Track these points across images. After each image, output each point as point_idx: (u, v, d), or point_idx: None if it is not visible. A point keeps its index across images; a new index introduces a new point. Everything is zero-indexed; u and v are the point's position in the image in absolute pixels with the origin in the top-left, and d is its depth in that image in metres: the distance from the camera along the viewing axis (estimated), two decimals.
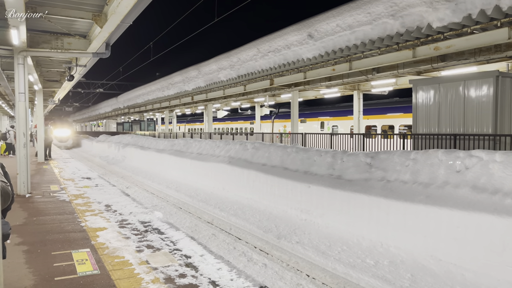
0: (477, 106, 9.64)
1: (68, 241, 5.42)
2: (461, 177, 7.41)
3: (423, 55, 11.14)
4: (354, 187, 9.08)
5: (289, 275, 7.28)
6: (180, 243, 5.30)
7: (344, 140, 13.62)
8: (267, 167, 12.63)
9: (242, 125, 34.92)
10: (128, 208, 7.58)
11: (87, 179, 12.00)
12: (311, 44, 13.26)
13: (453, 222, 6.79)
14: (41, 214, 7.08)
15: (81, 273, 4.22)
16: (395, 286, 6.35)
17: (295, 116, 19.13)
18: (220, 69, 19.71)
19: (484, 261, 6.25)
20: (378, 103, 22.75)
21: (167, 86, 27.71)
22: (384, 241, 7.94)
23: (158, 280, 3.99)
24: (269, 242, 9.17)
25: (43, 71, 16.45)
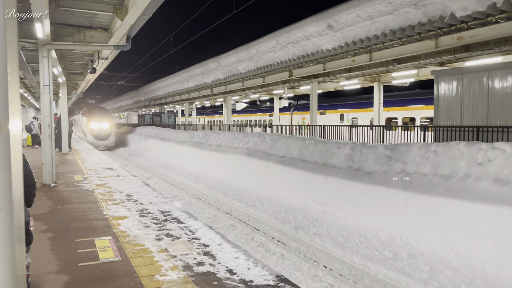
0: (501, 97, 9.39)
1: (91, 229, 5.58)
2: (483, 169, 7.27)
3: (445, 45, 10.87)
4: (373, 180, 9.01)
5: (307, 266, 7.32)
6: (198, 232, 5.39)
7: (364, 132, 13.48)
8: (285, 159, 12.65)
9: (261, 117, 34.91)
10: (149, 198, 7.73)
11: (109, 169, 12.27)
12: (330, 35, 13.12)
13: (474, 216, 6.68)
14: (65, 203, 7.30)
15: (103, 259, 4.35)
16: (414, 278, 6.32)
17: (314, 108, 19.00)
18: (239, 61, 19.72)
19: (506, 255, 6.14)
20: (399, 95, 22.36)
21: (187, 78, 27.90)
22: (403, 233, 7.88)
23: (176, 268, 4.09)
24: (287, 233, 9.22)
25: (67, 64, 16.81)
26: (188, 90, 29.54)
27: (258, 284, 3.67)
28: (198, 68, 25.49)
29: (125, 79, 43.54)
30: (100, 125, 31.00)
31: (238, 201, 12.38)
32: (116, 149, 32.18)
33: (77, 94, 27.22)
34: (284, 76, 18.65)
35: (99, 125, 30.96)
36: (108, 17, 10.06)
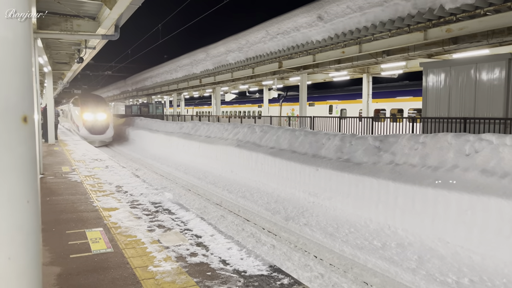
0: (488, 89, 9.53)
1: (81, 220, 5.54)
2: (470, 160, 7.40)
3: (434, 37, 10.97)
4: (362, 170, 9.10)
5: (297, 256, 7.39)
6: (190, 223, 5.39)
7: (353, 123, 13.58)
8: (275, 150, 12.68)
9: (250, 108, 34.86)
10: (139, 190, 7.69)
11: (98, 160, 12.15)
12: (320, 26, 13.11)
13: (461, 206, 6.82)
14: (54, 195, 7.22)
15: (95, 251, 4.33)
16: (402, 267, 6.43)
17: (303, 99, 19.04)
18: (229, 51, 19.60)
19: (492, 244, 6.29)
20: (387, 87, 22.53)
21: (175, 68, 27.66)
22: (392, 223, 8.00)
23: (170, 259, 4.09)
24: (277, 224, 9.28)
25: (53, 54, 16.49)
26: (176, 80, 29.31)
27: (252, 274, 3.70)
28: (186, 58, 25.28)
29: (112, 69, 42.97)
30: (95, 116, 26.44)
31: (228, 192, 12.40)
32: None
33: (63, 84, 26.76)
34: (274, 67, 18.62)
35: (94, 116, 26.42)
36: (96, 6, 9.87)
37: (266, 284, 3.49)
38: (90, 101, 27.47)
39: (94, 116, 26.48)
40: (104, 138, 26.73)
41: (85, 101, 27.39)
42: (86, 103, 27.15)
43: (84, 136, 25.27)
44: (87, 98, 28.30)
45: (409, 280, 6.09)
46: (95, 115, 26.53)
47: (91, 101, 27.56)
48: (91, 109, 26.73)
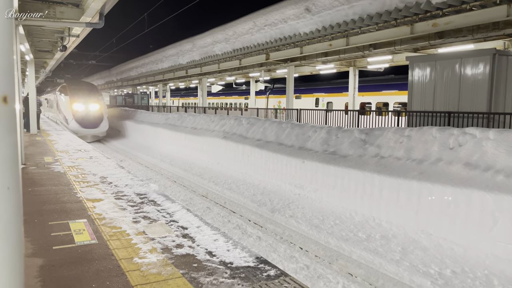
0: (472, 84, 9.66)
1: (64, 211, 5.44)
2: (454, 154, 7.50)
3: (421, 31, 11.05)
4: (348, 163, 9.16)
5: (283, 248, 7.43)
6: (176, 215, 5.35)
7: (339, 116, 13.64)
8: (262, 142, 12.67)
9: (237, 100, 34.74)
10: (124, 181, 7.59)
11: (81, 151, 11.95)
12: (308, 18, 13.06)
13: (445, 198, 6.92)
14: (37, 185, 7.07)
15: (79, 242, 4.26)
16: (386, 259, 6.52)
17: (290, 91, 19.03)
18: (215, 42, 19.41)
19: (474, 236, 6.41)
20: (373, 80, 22.68)
21: (161, 59, 27.31)
22: (377, 216, 8.09)
23: (155, 250, 4.05)
24: (263, 216, 9.30)
25: (35, 41, 16.08)
26: (162, 71, 28.96)
27: (238, 265, 3.68)
28: (173, 49, 24.98)
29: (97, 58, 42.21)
30: (87, 106, 23.47)
31: (214, 184, 12.36)
32: None
33: (45, 72, 26.16)
34: (261, 59, 18.53)
35: (86, 106, 23.46)
36: None
37: (253, 276, 3.48)
38: (80, 89, 24.54)
39: (86, 106, 23.49)
40: (98, 132, 23.61)
41: (75, 89, 24.36)
42: (75, 91, 24.13)
43: (74, 130, 22.27)
44: (77, 86, 25.15)
45: (392, 271, 6.17)
46: (86, 106, 23.52)
47: (82, 89, 24.60)
48: (82, 98, 23.67)
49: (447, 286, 5.58)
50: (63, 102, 24.65)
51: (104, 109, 24.67)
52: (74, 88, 24.63)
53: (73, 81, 27.91)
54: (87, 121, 23.06)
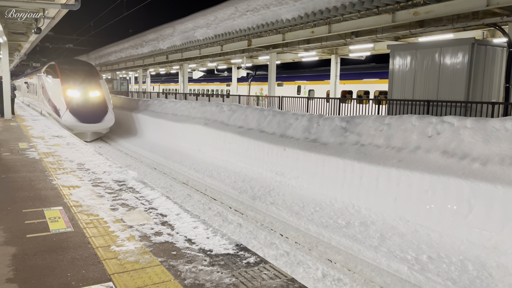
0: (451, 73, 9.77)
1: (39, 198, 5.29)
2: (432, 142, 7.61)
3: (402, 20, 11.08)
4: (328, 151, 9.20)
5: (263, 235, 7.45)
6: (155, 202, 5.27)
7: (320, 104, 13.66)
8: (243, 130, 12.61)
9: (218, 87, 34.44)
10: (102, 167, 7.43)
11: (58, 137, 11.65)
12: (290, 5, 12.93)
13: (422, 186, 7.03)
14: (10, 172, 6.86)
15: (54, 230, 4.15)
16: (365, 245, 6.61)
17: (272, 79, 18.93)
18: (196, 27, 19.08)
19: (450, 222, 6.55)
20: (354, 68, 22.78)
21: (141, 43, 26.71)
22: (356, 203, 8.18)
23: (133, 238, 3.98)
24: (244, 203, 9.30)
25: (8, 23, 15.46)
26: (142, 56, 28.37)
27: (218, 253, 3.65)
28: (153, 33, 24.47)
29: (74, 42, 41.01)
30: (86, 94, 18.32)
31: (195, 171, 12.27)
32: None
33: (20, 56, 25.29)
34: (243, 45, 18.34)
35: (85, 94, 18.29)
36: None
37: (232, 263, 3.46)
38: (74, 70, 19.33)
39: (84, 93, 18.25)
40: (101, 127, 18.04)
41: (67, 70, 19.14)
42: (68, 72, 18.93)
43: (68, 125, 16.99)
44: (70, 66, 19.93)
45: (371, 257, 6.27)
46: (85, 92, 18.29)
47: (77, 70, 19.39)
48: (77, 82, 18.50)
49: (423, 271, 5.70)
50: (52, 87, 18.96)
51: (108, 96, 19.31)
52: (67, 69, 19.26)
53: (64, 60, 22.13)
54: (86, 113, 17.45)
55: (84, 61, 23.08)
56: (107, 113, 18.22)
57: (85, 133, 17.78)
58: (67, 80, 18.57)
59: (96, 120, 17.68)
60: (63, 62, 21.05)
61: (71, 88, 18.29)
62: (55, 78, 19.06)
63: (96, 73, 20.34)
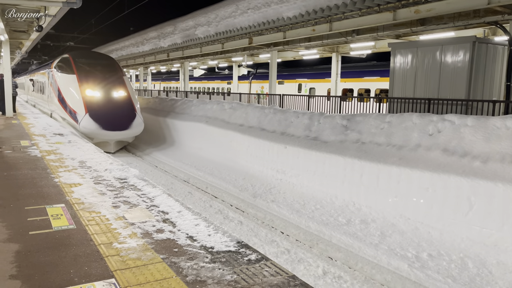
0: (452, 71, 9.78)
1: (41, 196, 5.32)
2: (433, 140, 7.62)
3: (403, 18, 11.07)
4: (329, 149, 9.22)
5: (264, 232, 7.47)
6: (157, 200, 5.30)
7: (321, 102, 13.67)
8: (244, 128, 12.62)
9: (219, 84, 34.43)
10: (103, 165, 7.46)
11: (59, 135, 11.68)
12: (292, 3, 12.92)
13: (423, 183, 7.05)
14: (12, 169, 6.89)
15: (56, 227, 4.18)
16: (365, 243, 6.63)
17: (273, 77, 18.93)
18: (197, 25, 19.07)
19: (450, 220, 6.57)
20: (355, 66, 22.75)
21: (142, 41, 26.71)
22: (357, 200, 8.20)
23: (135, 235, 4.00)
24: (245, 201, 9.32)
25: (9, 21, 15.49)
26: (143, 54, 28.37)
27: (219, 250, 3.68)
28: (154, 31, 24.46)
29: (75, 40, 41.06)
30: (109, 94, 15.27)
31: (196, 169, 12.29)
32: None
33: (21, 53, 25.33)
34: (244, 43, 18.34)
35: (108, 94, 15.24)
36: None
37: (234, 260, 3.48)
38: (93, 65, 16.41)
39: (107, 93, 15.24)
40: (129, 135, 14.84)
41: (85, 65, 16.20)
42: (86, 67, 16.01)
43: (88, 132, 14.04)
44: (88, 59, 16.82)
45: (371, 255, 6.29)
46: (107, 92, 15.28)
47: (96, 65, 16.53)
48: (98, 79, 15.55)
49: (423, 268, 5.72)
50: (66, 86, 15.76)
51: (135, 97, 16.23)
52: (84, 63, 16.28)
53: (79, 52, 18.35)
54: (110, 118, 14.32)
55: (102, 54, 19.82)
56: (135, 118, 14.89)
57: (108, 142, 14.58)
58: (85, 76, 15.50)
59: (123, 126, 14.40)
60: (79, 54, 17.37)
61: (91, 87, 15.13)
62: (70, 74, 15.80)
63: (119, 68, 17.29)
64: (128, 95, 15.77)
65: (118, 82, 15.99)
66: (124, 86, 15.98)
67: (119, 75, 16.56)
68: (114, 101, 15.24)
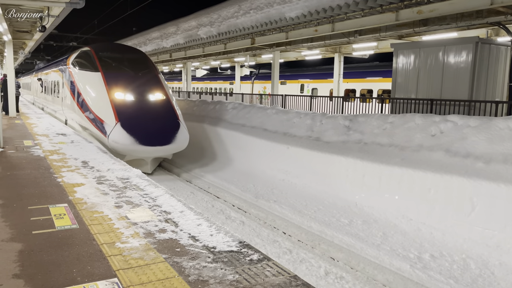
0: (455, 71, 9.76)
1: (44, 196, 5.34)
2: (435, 140, 7.62)
3: (406, 18, 11.06)
4: (331, 149, 9.22)
5: (266, 232, 7.48)
6: (159, 200, 5.31)
7: (324, 103, 13.67)
8: (246, 128, 12.63)
9: (222, 85, 34.47)
10: (106, 165, 7.48)
11: (62, 135, 11.72)
12: (294, 3, 12.93)
13: (425, 184, 7.04)
14: (16, 169, 6.92)
15: (59, 227, 4.20)
16: (367, 243, 6.63)
17: (275, 77, 18.95)
18: (200, 25, 19.10)
19: (452, 221, 6.56)
20: (358, 67, 22.74)
21: (144, 41, 26.78)
22: (359, 201, 8.20)
23: (138, 235, 4.02)
24: (247, 201, 9.32)
25: (13, 21, 15.56)
26: None
27: (221, 250, 3.69)
28: (156, 32, 24.52)
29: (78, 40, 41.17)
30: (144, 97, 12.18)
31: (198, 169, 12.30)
32: None
33: (24, 54, 25.39)
34: (246, 43, 18.36)
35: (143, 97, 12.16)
36: None
37: (236, 260, 3.49)
38: (121, 60, 13.35)
39: (141, 96, 12.07)
40: (172, 150, 11.59)
41: (111, 60, 13.22)
42: (113, 64, 13.07)
43: (120, 148, 10.84)
44: (113, 54, 13.73)
45: (373, 255, 6.29)
46: (142, 95, 12.11)
47: (124, 61, 13.40)
48: (129, 78, 12.52)
49: (425, 269, 5.72)
50: (87, 86, 12.66)
51: (174, 101, 13.02)
52: (109, 58, 13.28)
53: (102, 45, 15.08)
54: (150, 129, 11.12)
55: (130, 47, 16.35)
56: (179, 128, 11.55)
57: (144, 160, 11.45)
58: (112, 74, 12.43)
59: (165, 140, 11.08)
60: (102, 47, 14.28)
61: (121, 88, 11.96)
62: (93, 72, 12.75)
63: (152, 64, 14.17)
64: (167, 99, 12.53)
65: (154, 81, 12.98)
66: (161, 87, 12.88)
67: (153, 73, 13.53)
68: (151, 107, 11.99)
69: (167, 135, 11.22)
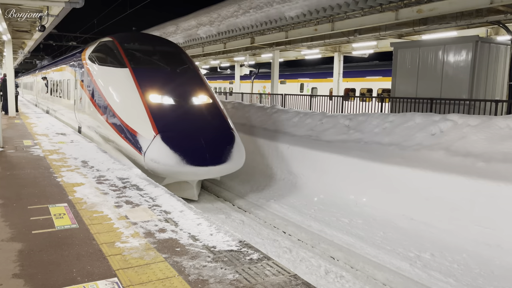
0: (455, 70, 9.77)
1: (44, 195, 5.34)
2: (435, 140, 7.62)
3: (405, 17, 11.06)
4: (331, 148, 9.22)
5: (266, 232, 7.48)
6: (159, 199, 5.31)
7: (324, 102, 13.67)
8: (246, 127, 12.63)
9: (221, 84, 34.47)
10: (106, 165, 7.48)
11: (62, 135, 11.71)
12: (294, 2, 12.92)
13: (425, 183, 7.04)
14: (15, 169, 6.91)
15: (59, 226, 4.19)
16: (367, 243, 6.63)
17: (275, 76, 18.96)
18: (199, 25, 19.09)
19: (452, 220, 6.56)
20: (357, 66, 22.74)
21: None
22: (359, 200, 8.19)
23: (138, 235, 4.01)
24: (247, 200, 9.32)
25: (12, 21, 15.55)
26: None
27: (221, 249, 3.68)
28: (156, 31, 24.49)
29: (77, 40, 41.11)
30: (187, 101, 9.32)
31: None
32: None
33: (23, 53, 25.35)
34: (246, 42, 18.36)
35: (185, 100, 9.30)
36: None
37: (236, 259, 3.49)
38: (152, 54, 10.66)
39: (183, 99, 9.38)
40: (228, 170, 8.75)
41: (140, 52, 10.53)
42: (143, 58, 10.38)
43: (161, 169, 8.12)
44: (142, 46, 10.92)
45: (373, 255, 6.29)
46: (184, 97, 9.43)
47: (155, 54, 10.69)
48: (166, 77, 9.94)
49: (425, 268, 5.72)
50: (112, 86, 9.96)
51: (221, 106, 10.09)
52: (138, 51, 10.58)
53: (127, 35, 11.73)
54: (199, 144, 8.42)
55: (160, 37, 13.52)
56: (234, 142, 8.93)
57: (189, 183, 8.88)
58: (144, 71, 9.81)
59: (220, 158, 8.47)
60: (127, 38, 11.29)
61: (156, 89, 9.25)
62: (118, 68, 10.00)
63: (189, 59, 11.32)
64: (215, 103, 9.79)
65: (196, 80, 10.26)
66: (206, 88, 10.17)
67: (193, 69, 10.76)
68: (197, 114, 9.28)
69: (221, 150, 8.52)
